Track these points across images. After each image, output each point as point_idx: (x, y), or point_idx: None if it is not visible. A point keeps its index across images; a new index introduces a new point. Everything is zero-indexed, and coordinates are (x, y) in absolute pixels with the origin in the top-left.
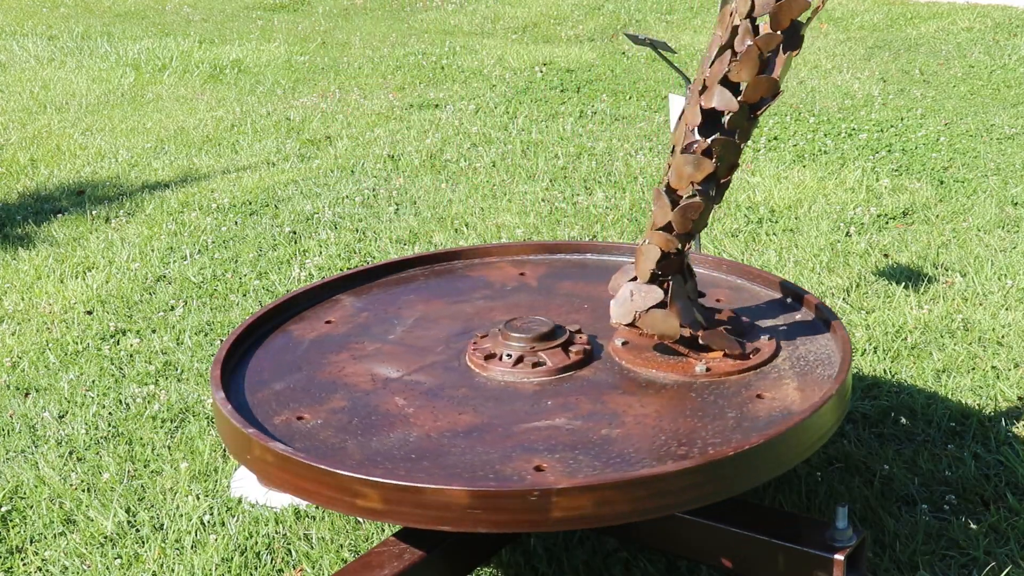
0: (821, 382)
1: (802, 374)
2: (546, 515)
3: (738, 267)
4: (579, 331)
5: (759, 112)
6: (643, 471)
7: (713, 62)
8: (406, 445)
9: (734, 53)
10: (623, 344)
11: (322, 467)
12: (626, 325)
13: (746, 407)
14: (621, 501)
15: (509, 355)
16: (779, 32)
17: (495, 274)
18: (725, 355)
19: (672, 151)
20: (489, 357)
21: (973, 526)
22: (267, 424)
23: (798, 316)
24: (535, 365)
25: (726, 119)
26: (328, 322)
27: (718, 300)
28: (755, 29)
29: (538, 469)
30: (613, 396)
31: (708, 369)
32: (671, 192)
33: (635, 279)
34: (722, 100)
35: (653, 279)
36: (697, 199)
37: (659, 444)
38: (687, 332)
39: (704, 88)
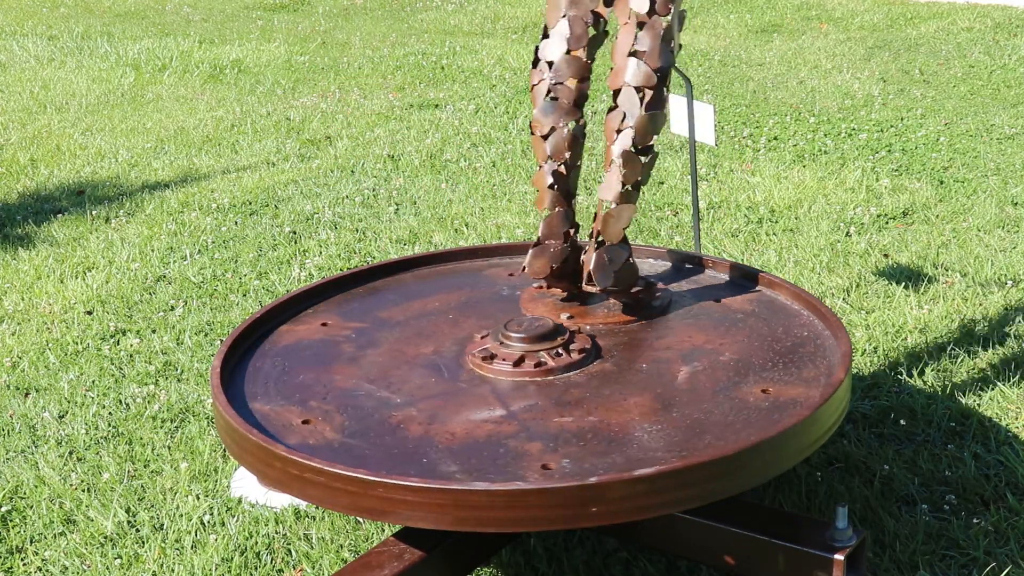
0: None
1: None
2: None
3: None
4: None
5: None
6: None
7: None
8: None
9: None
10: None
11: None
12: (607, 288)
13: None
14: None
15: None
16: None
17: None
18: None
19: (550, 132)
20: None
21: (973, 526)
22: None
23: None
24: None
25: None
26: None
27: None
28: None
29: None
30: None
31: (570, 317)
32: (638, 149)
33: (601, 244)
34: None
35: (624, 239)
36: (655, 151)
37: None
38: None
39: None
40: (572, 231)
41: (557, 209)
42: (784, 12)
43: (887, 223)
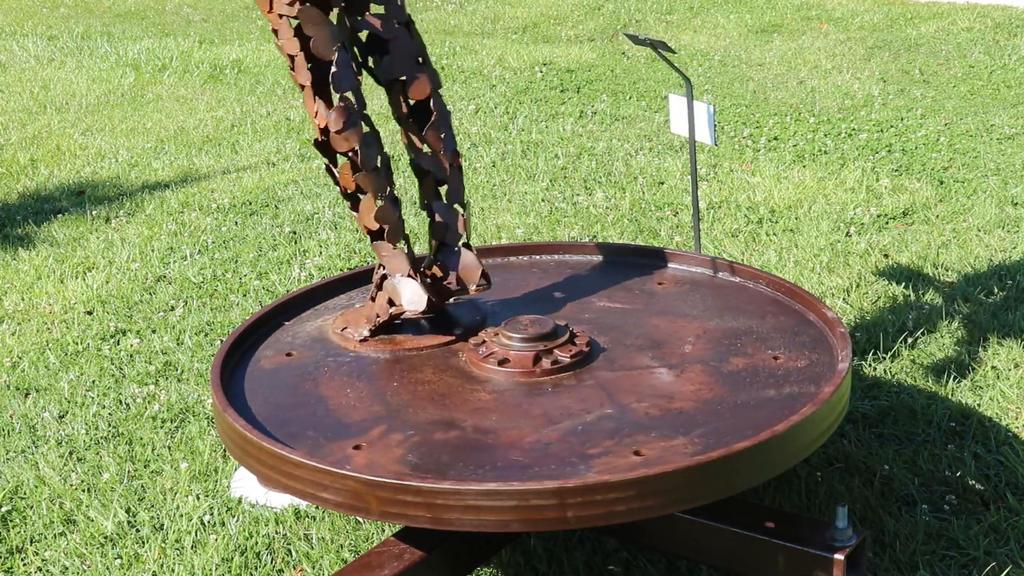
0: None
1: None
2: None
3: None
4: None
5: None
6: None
7: None
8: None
9: None
10: (344, 330)
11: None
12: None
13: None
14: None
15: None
16: None
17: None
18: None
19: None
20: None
21: (973, 526)
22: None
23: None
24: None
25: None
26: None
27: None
28: None
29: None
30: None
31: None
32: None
33: (468, 247)
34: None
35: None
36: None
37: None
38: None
39: None
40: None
41: (403, 242)
42: (784, 12)
43: (887, 223)
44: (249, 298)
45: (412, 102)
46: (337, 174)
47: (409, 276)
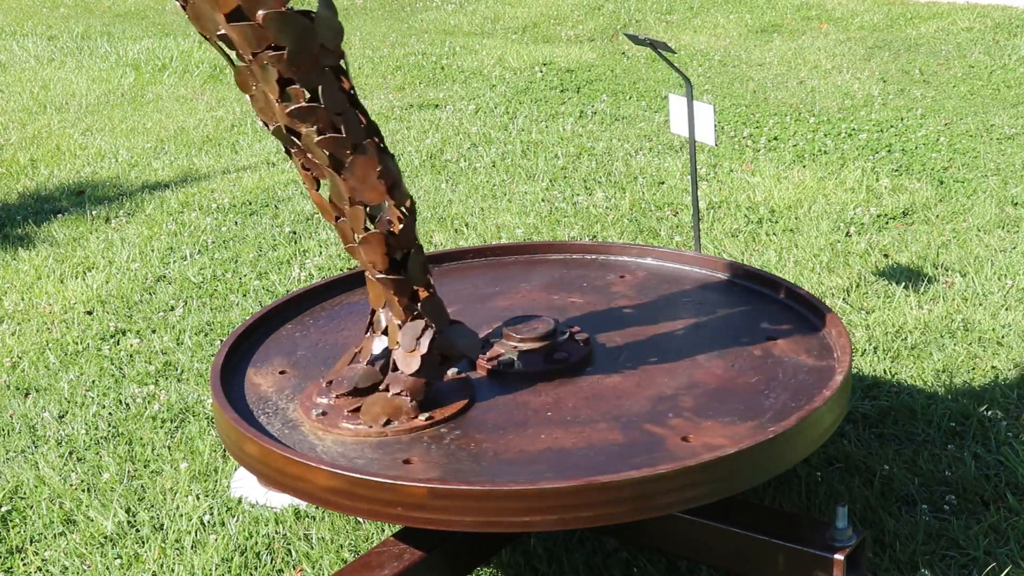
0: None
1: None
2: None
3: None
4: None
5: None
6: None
7: None
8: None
9: None
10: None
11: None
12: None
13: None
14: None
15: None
16: None
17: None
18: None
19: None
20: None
21: (973, 526)
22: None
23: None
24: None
25: None
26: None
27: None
28: None
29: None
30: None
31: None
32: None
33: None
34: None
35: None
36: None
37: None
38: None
39: None
40: None
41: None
42: (784, 12)
43: (887, 223)
44: (249, 298)
45: None
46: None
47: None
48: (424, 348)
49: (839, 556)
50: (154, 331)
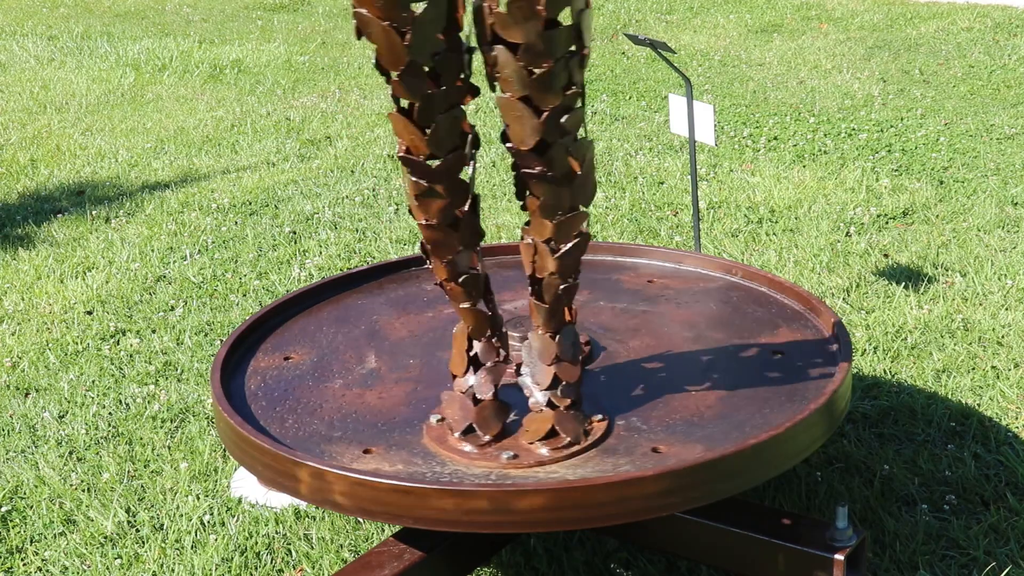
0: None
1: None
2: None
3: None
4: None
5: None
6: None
7: None
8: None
9: None
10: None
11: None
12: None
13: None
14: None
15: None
16: None
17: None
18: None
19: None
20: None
21: (973, 526)
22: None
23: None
24: None
25: None
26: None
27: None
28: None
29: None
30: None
31: (514, 456)
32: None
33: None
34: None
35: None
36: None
37: None
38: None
39: None
40: None
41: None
42: (784, 12)
43: (887, 223)
44: (249, 298)
45: None
46: None
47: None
48: (581, 355)
49: (839, 556)
50: (154, 331)
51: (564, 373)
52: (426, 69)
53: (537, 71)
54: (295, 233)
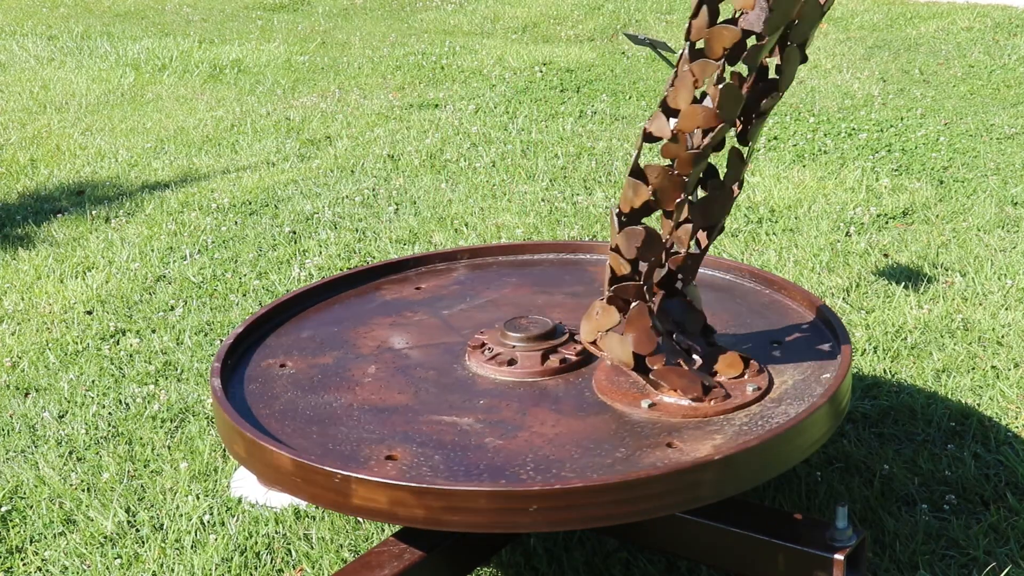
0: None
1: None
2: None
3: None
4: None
5: (703, 145)
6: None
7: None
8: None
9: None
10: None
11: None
12: (590, 343)
13: (641, 451)
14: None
15: (518, 355)
16: (714, 60)
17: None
18: (690, 396)
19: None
20: (498, 359)
21: (973, 526)
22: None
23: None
24: (562, 361)
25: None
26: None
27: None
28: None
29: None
30: (542, 411)
31: (652, 405)
32: (620, 214)
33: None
34: (657, 126)
35: (611, 300)
36: (639, 227)
37: (517, 464)
38: (646, 361)
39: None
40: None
41: None
42: None
43: (887, 223)
44: (249, 298)
45: None
46: None
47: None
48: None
49: (839, 556)
50: (154, 331)
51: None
52: None
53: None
54: (295, 233)
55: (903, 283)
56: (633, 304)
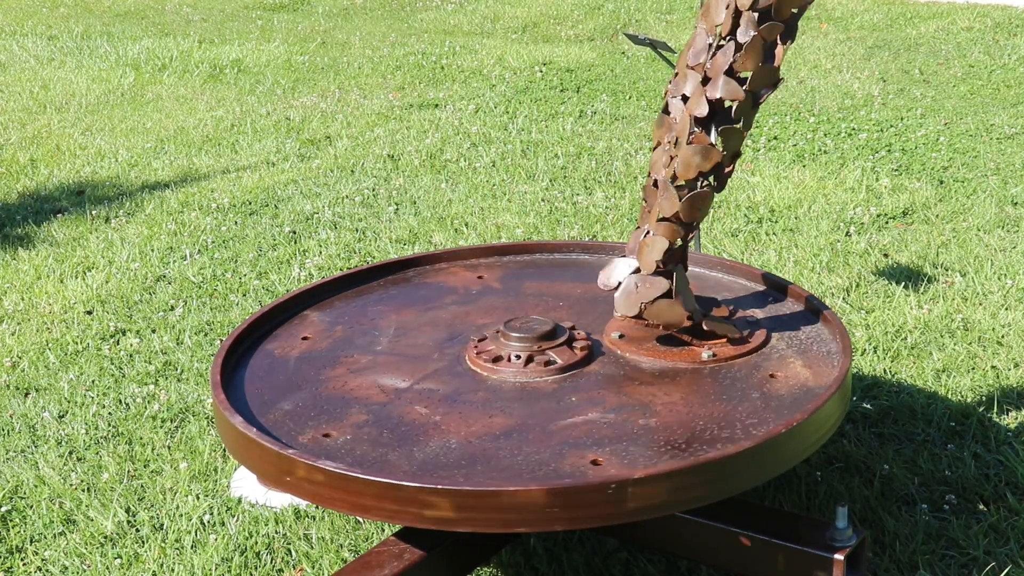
0: (826, 359)
1: (804, 352)
2: (623, 507)
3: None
4: (573, 328)
5: (760, 101)
6: (712, 454)
7: (714, 53)
8: (449, 452)
9: (738, 44)
10: (620, 337)
11: (384, 480)
12: (632, 317)
13: (765, 387)
14: (693, 486)
15: (518, 356)
16: (780, 22)
17: (453, 279)
18: (727, 340)
19: (657, 146)
20: (496, 359)
21: (973, 526)
22: (292, 442)
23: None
24: (546, 364)
25: (733, 109)
26: (305, 338)
27: (725, 296)
28: (760, 19)
29: (595, 463)
30: (634, 387)
31: (714, 355)
32: (676, 182)
33: (638, 271)
34: (728, 90)
35: (658, 270)
36: (705, 189)
37: (700, 428)
38: (690, 320)
39: (707, 79)
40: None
41: None
42: None
43: (887, 223)
44: (249, 298)
45: None
46: None
47: (636, 274)
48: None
49: (839, 556)
50: (154, 331)
51: None
52: None
53: None
54: (295, 233)
55: (903, 283)
56: (676, 269)
